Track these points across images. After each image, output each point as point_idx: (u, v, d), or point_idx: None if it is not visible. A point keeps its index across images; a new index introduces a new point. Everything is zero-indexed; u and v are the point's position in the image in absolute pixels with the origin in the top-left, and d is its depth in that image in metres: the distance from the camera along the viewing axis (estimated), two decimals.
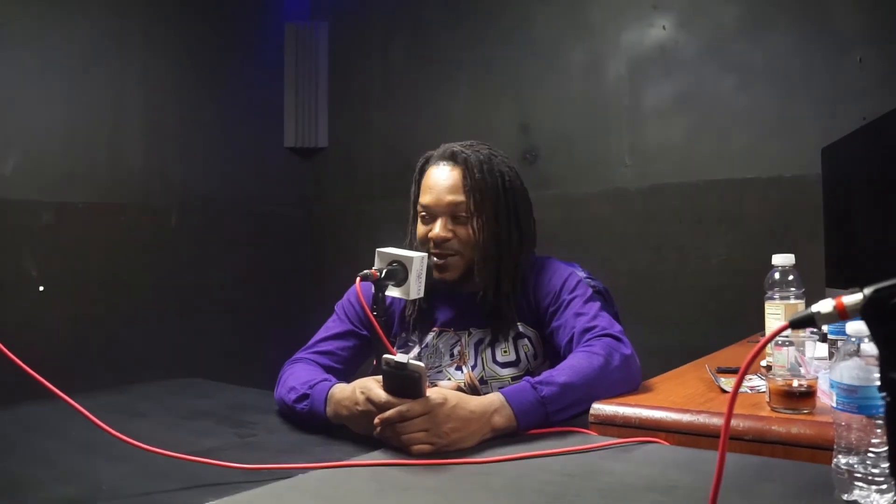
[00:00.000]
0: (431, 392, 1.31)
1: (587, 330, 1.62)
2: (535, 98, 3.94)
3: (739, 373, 0.75)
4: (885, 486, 0.96)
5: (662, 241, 3.49)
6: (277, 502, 1.07)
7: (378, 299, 1.52)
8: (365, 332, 1.80)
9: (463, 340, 1.77)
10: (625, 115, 3.64)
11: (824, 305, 0.69)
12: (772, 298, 1.74)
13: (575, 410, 1.46)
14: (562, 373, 1.46)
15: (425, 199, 1.77)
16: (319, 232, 4.78)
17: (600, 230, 3.64)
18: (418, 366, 1.27)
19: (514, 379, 1.70)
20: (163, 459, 1.27)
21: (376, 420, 1.31)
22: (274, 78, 4.75)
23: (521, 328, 1.75)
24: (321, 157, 4.81)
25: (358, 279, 1.51)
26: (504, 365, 1.73)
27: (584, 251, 3.37)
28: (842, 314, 0.67)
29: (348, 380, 1.55)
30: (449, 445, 1.29)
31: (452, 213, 1.74)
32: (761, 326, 1.85)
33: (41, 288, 3.61)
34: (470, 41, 4.21)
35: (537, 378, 1.44)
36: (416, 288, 1.57)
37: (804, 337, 1.55)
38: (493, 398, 1.38)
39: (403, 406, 1.28)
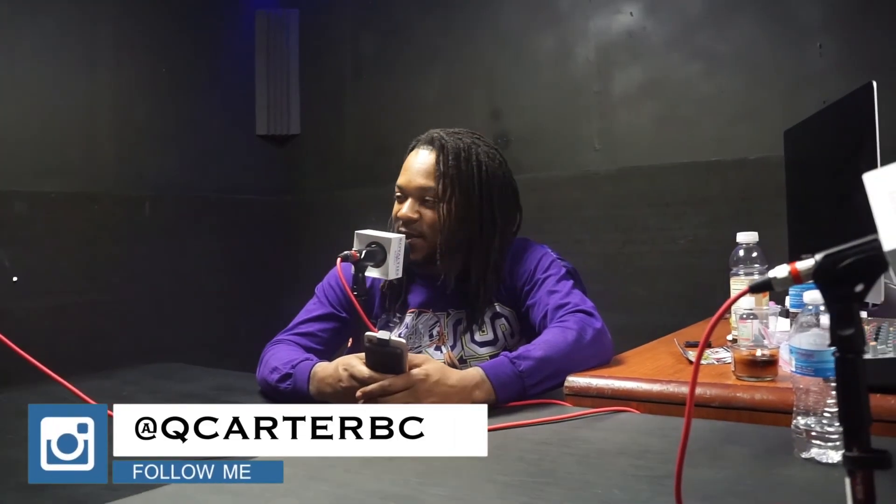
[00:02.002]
0: (415, 362, 1.37)
1: (560, 307, 1.68)
2: (506, 84, 3.99)
3: (703, 337, 0.81)
4: (839, 444, 1.02)
5: (631, 224, 3.57)
6: None
7: (358, 279, 1.57)
8: (345, 315, 1.85)
9: (442, 321, 1.82)
10: (594, 100, 3.70)
11: (780, 271, 0.75)
12: (737, 275, 1.80)
13: (551, 383, 1.52)
14: (537, 347, 1.52)
15: (400, 179, 1.83)
16: (294, 219, 4.81)
17: (571, 213, 3.71)
18: (400, 342, 1.32)
19: (492, 357, 1.75)
20: None
21: (358, 394, 1.36)
22: (245, 66, 4.76)
23: (497, 308, 1.81)
24: (294, 145, 4.83)
25: (339, 260, 1.56)
26: (482, 344, 1.79)
27: (555, 234, 3.42)
28: (796, 278, 0.73)
29: (328, 361, 1.60)
30: None
31: (421, 195, 1.79)
32: None
33: (15, 279, 3.61)
34: (440, 29, 4.26)
35: (515, 353, 1.50)
36: (394, 268, 1.62)
37: (768, 311, 1.62)
38: (473, 373, 1.44)
39: (385, 381, 1.34)
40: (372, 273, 1.62)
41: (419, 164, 1.81)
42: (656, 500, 0.95)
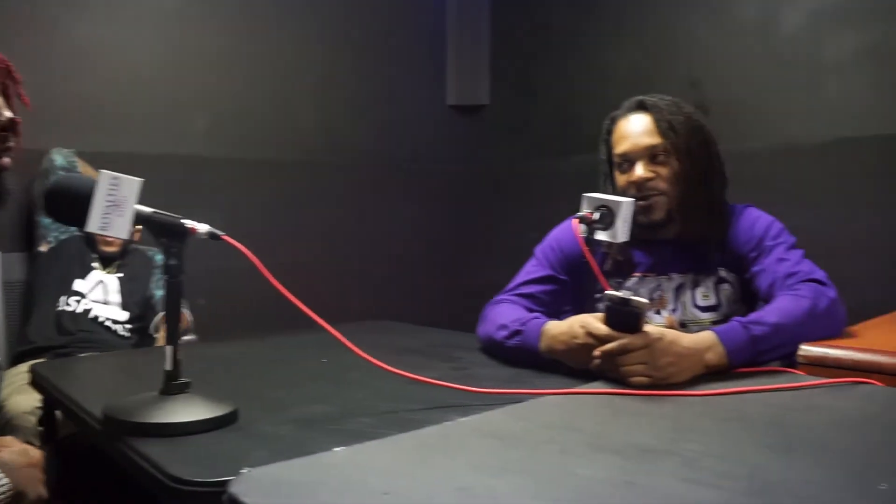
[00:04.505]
0: (648, 328, 1.38)
1: (790, 275, 1.64)
2: (706, 54, 3.86)
3: None
4: None
5: (844, 198, 3.38)
6: (523, 422, 1.16)
7: (590, 241, 1.59)
8: (564, 277, 1.87)
9: (663, 285, 1.82)
10: (802, 68, 3.53)
11: None
12: None
13: (783, 351, 1.49)
14: (771, 314, 1.49)
15: (621, 147, 1.82)
16: (482, 189, 4.86)
17: (778, 186, 3.55)
18: (641, 302, 1.33)
19: (713, 323, 1.74)
20: (396, 385, 1.39)
21: (597, 352, 1.39)
22: (436, 36, 4.85)
23: (722, 273, 1.79)
24: (483, 115, 4.88)
25: (575, 221, 1.59)
26: (704, 309, 1.78)
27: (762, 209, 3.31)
28: None
29: None
30: (664, 379, 1.35)
31: (650, 154, 1.78)
32: None
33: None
34: None
35: (747, 318, 1.48)
36: (623, 231, 1.62)
37: None
38: (706, 336, 1.43)
39: (625, 339, 1.35)
40: (600, 236, 1.63)
41: (638, 126, 1.80)
42: None
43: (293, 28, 4.21)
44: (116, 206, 1.20)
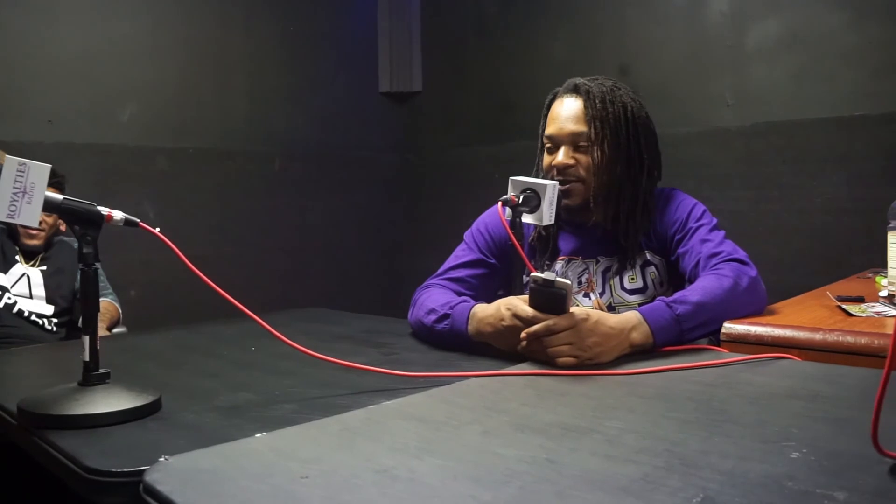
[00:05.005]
0: (573, 309, 1.39)
1: (714, 255, 1.67)
2: (635, 39, 3.92)
3: None
4: None
5: (764, 182, 3.47)
6: (447, 404, 1.15)
7: (516, 224, 1.59)
8: (493, 261, 1.88)
9: (591, 269, 1.84)
10: (727, 54, 3.60)
11: None
12: (895, 229, 1.75)
13: (707, 329, 1.52)
14: (694, 293, 1.52)
15: (549, 129, 1.84)
16: (415, 175, 4.87)
17: (700, 171, 3.62)
18: (565, 283, 1.34)
19: (641, 304, 1.76)
20: (324, 372, 1.38)
21: (523, 334, 1.39)
22: (368, 24, 4.82)
23: (648, 256, 1.82)
24: (416, 102, 4.87)
25: (500, 204, 1.59)
26: (632, 291, 1.80)
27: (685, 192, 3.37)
28: None
29: None
30: (591, 359, 1.37)
31: (574, 141, 1.79)
32: (869, 265, 1.84)
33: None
34: None
35: (671, 298, 1.50)
36: (548, 214, 1.63)
37: None
38: (631, 316, 1.45)
39: (550, 320, 1.36)
40: (527, 219, 1.64)
41: (568, 111, 1.82)
42: (839, 440, 0.95)
43: (224, 17, 4.14)
44: (24, 192, 1.17)
